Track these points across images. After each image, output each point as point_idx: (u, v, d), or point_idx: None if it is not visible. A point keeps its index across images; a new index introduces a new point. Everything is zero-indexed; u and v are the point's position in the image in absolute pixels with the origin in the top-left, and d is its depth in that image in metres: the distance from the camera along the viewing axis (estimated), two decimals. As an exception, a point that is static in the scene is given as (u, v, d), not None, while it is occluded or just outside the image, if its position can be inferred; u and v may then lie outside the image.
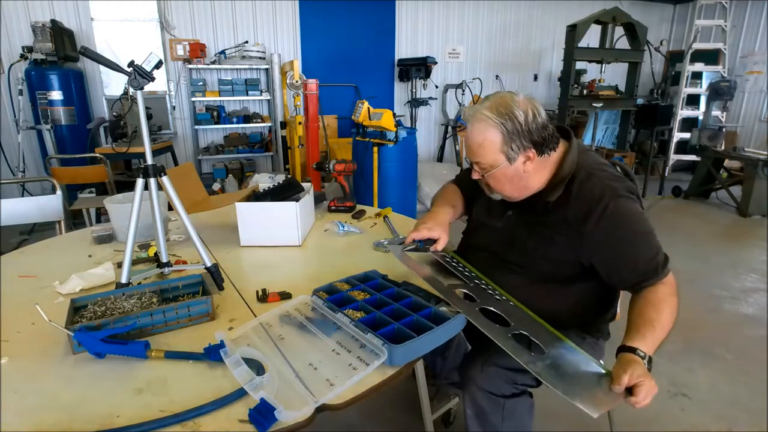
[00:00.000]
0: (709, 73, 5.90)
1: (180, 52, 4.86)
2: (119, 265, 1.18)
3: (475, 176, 1.19)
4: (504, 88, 6.41)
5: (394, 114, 3.71)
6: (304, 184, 1.70)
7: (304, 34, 5.38)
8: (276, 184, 1.68)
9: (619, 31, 5.07)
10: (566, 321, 1.26)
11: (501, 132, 1.08)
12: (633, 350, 1.00)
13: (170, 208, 1.45)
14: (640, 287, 1.13)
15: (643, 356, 0.98)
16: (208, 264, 1.21)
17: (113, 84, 4.38)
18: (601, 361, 1.01)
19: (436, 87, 6.01)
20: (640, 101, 5.87)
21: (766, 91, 6.30)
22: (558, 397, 0.89)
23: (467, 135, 1.16)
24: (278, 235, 1.53)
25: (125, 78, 1.08)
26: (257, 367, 0.85)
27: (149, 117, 3.64)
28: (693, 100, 5.99)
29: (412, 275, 1.26)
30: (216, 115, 4.99)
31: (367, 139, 3.72)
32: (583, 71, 5.86)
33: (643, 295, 1.12)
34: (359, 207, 1.98)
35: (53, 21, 4.00)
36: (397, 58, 5.86)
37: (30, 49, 4.04)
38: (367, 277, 1.22)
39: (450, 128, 5.96)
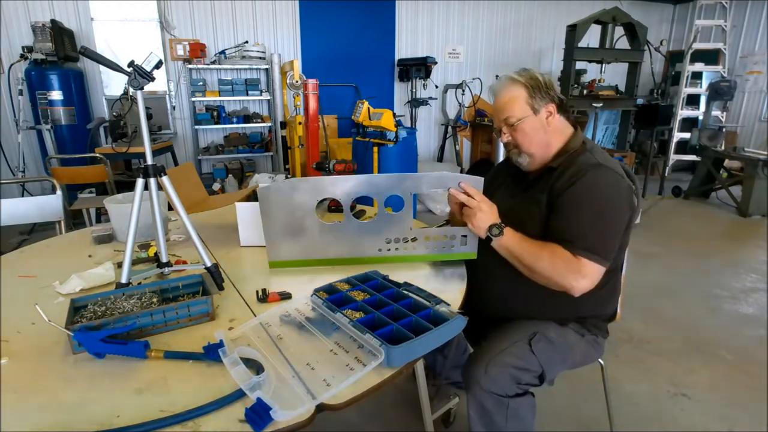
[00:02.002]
0: (709, 73, 5.90)
1: (180, 52, 4.86)
2: (119, 265, 1.18)
3: (505, 138, 1.30)
4: (504, 88, 6.41)
5: (394, 114, 3.71)
6: (304, 184, 1.70)
7: (304, 34, 5.38)
8: (276, 184, 1.67)
9: (619, 31, 5.07)
10: (567, 315, 1.28)
11: (525, 87, 1.25)
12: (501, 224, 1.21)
13: (170, 208, 1.45)
14: (564, 244, 1.16)
15: (501, 224, 1.20)
16: (208, 264, 1.21)
17: (113, 84, 4.39)
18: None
19: (436, 87, 6.02)
20: (640, 101, 5.87)
21: (766, 91, 6.30)
22: (559, 397, 0.89)
23: (495, 100, 1.31)
24: (278, 235, 1.53)
25: (125, 78, 1.08)
26: (256, 367, 0.85)
27: (149, 117, 3.64)
28: (693, 100, 5.99)
29: (413, 276, 1.26)
30: (216, 115, 4.99)
31: (367, 139, 3.72)
32: (583, 71, 5.86)
33: (558, 257, 1.15)
34: (359, 207, 1.98)
35: (53, 21, 4.01)
36: (397, 58, 5.87)
37: (30, 49, 4.04)
38: (367, 277, 1.22)
39: (450, 128, 5.96)
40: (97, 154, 3.49)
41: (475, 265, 1.34)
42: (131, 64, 1.07)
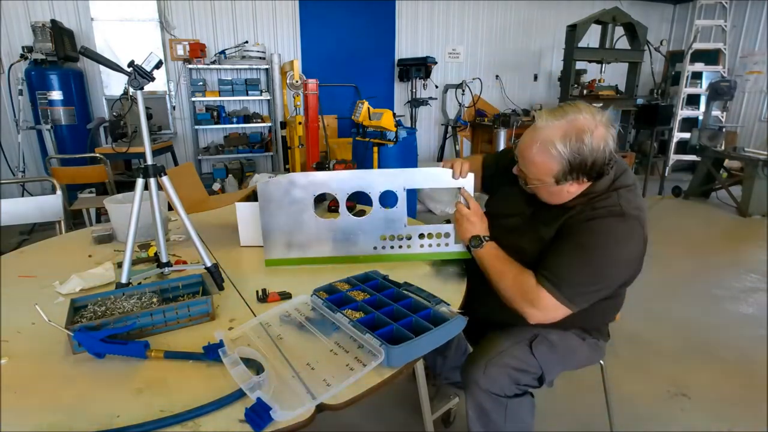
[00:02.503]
0: (709, 73, 5.91)
1: (180, 52, 4.86)
2: (119, 265, 1.18)
3: (517, 171, 1.17)
4: (504, 88, 6.41)
5: (394, 114, 3.71)
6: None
7: (304, 34, 5.38)
8: (276, 184, 1.67)
9: (619, 31, 5.07)
10: (567, 321, 1.26)
11: (562, 165, 1.04)
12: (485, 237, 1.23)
13: (170, 208, 1.45)
14: (538, 272, 1.11)
15: (484, 238, 1.22)
16: (208, 264, 1.21)
17: (113, 84, 4.39)
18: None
19: (436, 87, 6.02)
20: (640, 101, 5.87)
21: (766, 91, 6.30)
22: (558, 397, 0.89)
23: (527, 141, 1.09)
24: (278, 235, 1.53)
25: (125, 78, 1.08)
26: (256, 367, 0.85)
27: (149, 117, 3.64)
28: (693, 100, 5.99)
29: (413, 276, 1.26)
30: (216, 115, 4.99)
31: (367, 139, 3.72)
32: (583, 71, 5.86)
33: (520, 288, 1.13)
34: (359, 207, 1.98)
35: (53, 21, 4.01)
36: (397, 58, 5.87)
37: (30, 49, 4.04)
38: (367, 277, 1.22)
39: (450, 128, 5.97)
40: (97, 154, 3.49)
41: (476, 269, 1.34)
42: (131, 64, 1.07)
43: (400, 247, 1.36)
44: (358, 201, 2.00)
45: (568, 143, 1.02)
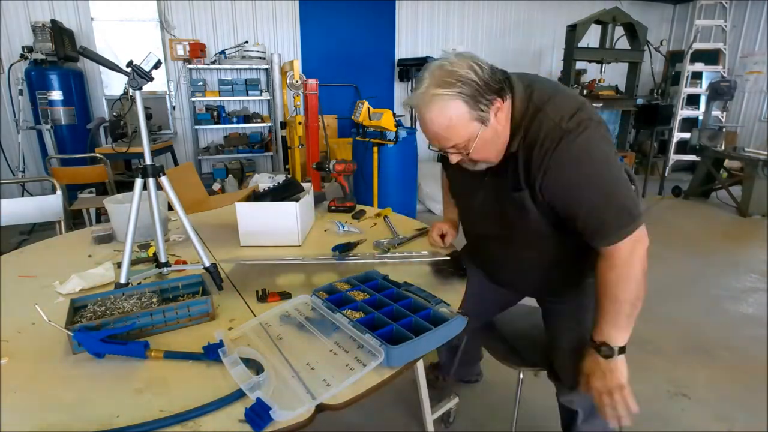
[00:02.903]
0: (709, 73, 5.90)
1: (180, 52, 4.86)
2: (119, 265, 1.18)
3: (456, 159, 1.07)
4: (504, 88, 6.42)
5: (394, 114, 3.71)
6: (304, 184, 1.70)
7: (304, 34, 5.38)
8: (276, 184, 1.68)
9: (619, 31, 5.07)
10: (587, 281, 1.21)
11: (462, 100, 0.95)
12: (598, 346, 1.06)
13: (170, 208, 1.45)
14: (598, 243, 1.04)
15: (602, 345, 1.05)
16: (207, 264, 1.21)
17: (113, 84, 4.39)
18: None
19: (436, 87, 6.02)
20: (640, 101, 5.87)
21: (766, 91, 6.30)
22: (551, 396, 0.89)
23: (426, 124, 1.01)
24: (278, 235, 1.53)
25: (125, 78, 1.08)
26: (256, 367, 0.85)
27: (149, 117, 3.65)
28: (693, 100, 5.99)
29: (413, 276, 1.26)
30: (216, 115, 4.99)
31: (367, 139, 3.72)
32: (583, 71, 5.86)
33: (600, 270, 1.05)
34: (359, 207, 1.98)
35: (53, 21, 4.01)
36: (397, 58, 5.87)
37: (30, 49, 4.04)
38: (367, 277, 1.21)
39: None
40: (97, 154, 3.49)
41: (485, 251, 1.34)
42: (130, 64, 1.07)
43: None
44: (359, 200, 2.00)
45: (445, 84, 0.95)
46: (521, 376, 1.41)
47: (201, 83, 4.85)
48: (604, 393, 1.06)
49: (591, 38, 5.10)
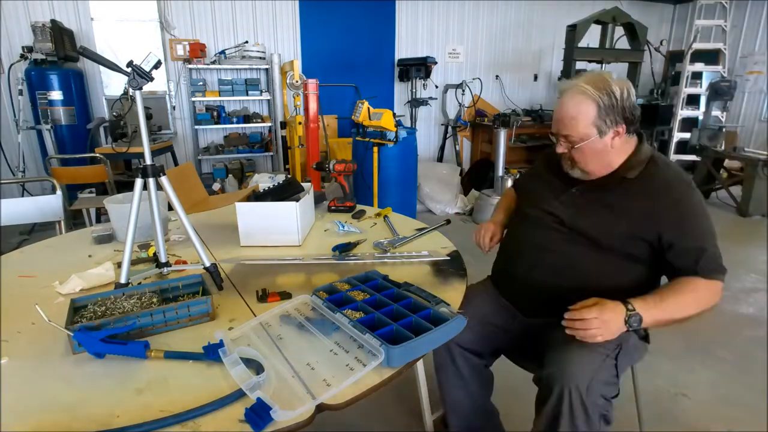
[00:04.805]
0: (709, 73, 5.89)
1: (180, 52, 4.86)
2: (119, 265, 1.18)
3: (560, 149, 1.20)
4: (504, 88, 6.42)
5: (394, 114, 3.71)
6: (304, 184, 1.70)
7: (304, 34, 5.38)
8: (276, 184, 1.68)
9: (619, 31, 5.07)
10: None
11: (597, 105, 1.11)
12: (625, 302, 1.07)
13: (170, 208, 1.45)
14: (689, 271, 1.12)
15: (632, 309, 1.05)
16: (207, 264, 1.21)
17: (113, 84, 4.38)
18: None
19: (436, 87, 6.01)
20: (640, 101, 5.86)
21: (766, 91, 6.30)
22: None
23: (559, 107, 1.18)
24: (278, 235, 1.53)
25: (125, 78, 1.08)
26: (256, 367, 0.85)
27: (149, 117, 3.65)
28: (693, 100, 5.98)
29: (413, 276, 1.26)
30: (216, 115, 4.99)
31: (367, 139, 3.72)
32: (583, 71, 5.85)
33: (680, 278, 1.12)
34: (359, 207, 1.98)
35: (53, 21, 4.00)
36: (397, 58, 5.86)
37: (30, 49, 4.04)
38: (367, 277, 1.22)
39: (450, 128, 5.97)
40: (97, 154, 3.49)
41: (509, 267, 1.33)
42: (130, 64, 1.07)
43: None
44: (359, 200, 2.00)
45: (594, 86, 1.12)
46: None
47: (201, 83, 4.84)
48: (594, 322, 1.05)
49: (591, 38, 5.10)
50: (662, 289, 1.12)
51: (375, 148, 3.61)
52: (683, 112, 5.78)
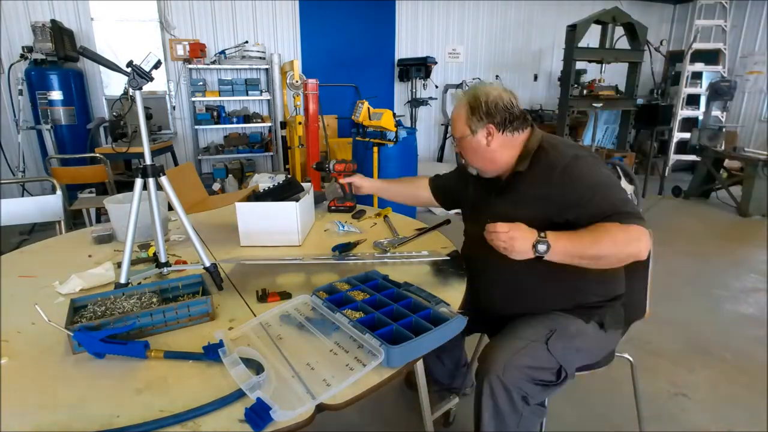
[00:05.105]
0: (709, 73, 5.90)
1: (180, 52, 4.86)
2: (119, 265, 1.18)
3: (456, 149, 1.38)
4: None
5: (394, 114, 3.71)
6: (304, 184, 1.70)
7: (304, 34, 5.38)
8: (276, 184, 1.68)
9: (619, 31, 5.07)
10: (572, 304, 1.28)
11: (466, 107, 1.29)
12: (543, 236, 1.12)
13: (170, 208, 1.45)
14: (615, 218, 1.13)
15: (542, 237, 1.11)
16: (207, 264, 1.21)
17: (113, 84, 4.39)
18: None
19: (436, 87, 6.02)
20: (640, 101, 5.86)
21: (766, 91, 6.30)
22: (560, 399, 0.89)
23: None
24: (278, 235, 1.53)
25: (125, 78, 1.08)
26: (256, 367, 0.85)
27: (149, 117, 3.64)
28: (693, 100, 5.98)
29: (413, 276, 1.26)
30: (216, 115, 4.99)
31: (367, 139, 3.72)
32: (583, 71, 5.85)
33: (610, 224, 1.12)
34: (359, 207, 1.98)
35: (53, 21, 4.01)
36: (397, 58, 5.87)
37: (30, 49, 4.04)
38: (367, 277, 1.22)
39: (450, 128, 5.96)
40: (97, 154, 3.49)
41: (475, 269, 1.34)
42: (130, 64, 1.07)
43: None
44: (359, 200, 2.00)
45: (467, 94, 1.31)
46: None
47: (201, 83, 4.85)
48: (502, 236, 1.11)
49: (591, 38, 5.10)
50: (580, 229, 1.14)
51: (375, 148, 3.61)
52: (683, 112, 5.78)
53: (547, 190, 1.20)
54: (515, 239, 1.10)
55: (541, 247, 1.09)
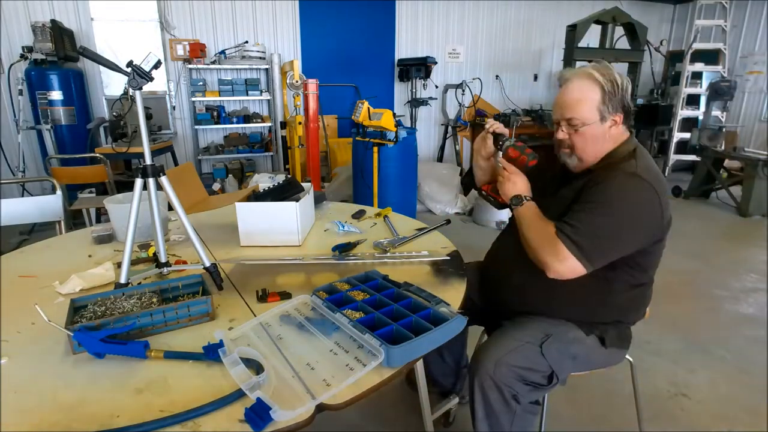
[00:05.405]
0: (709, 73, 5.90)
1: (180, 52, 4.86)
2: (119, 265, 1.18)
3: (562, 135, 1.22)
4: (504, 88, 6.42)
5: (394, 114, 3.71)
6: (304, 184, 1.70)
7: (304, 34, 5.38)
8: (276, 184, 1.68)
9: (619, 31, 5.07)
10: (586, 319, 1.27)
11: (602, 90, 1.15)
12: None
13: (170, 208, 1.45)
14: (559, 225, 1.15)
15: (526, 197, 1.23)
16: (207, 264, 1.21)
17: (113, 84, 4.38)
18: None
19: (436, 87, 6.01)
20: (640, 101, 5.86)
21: (766, 91, 6.30)
22: (560, 399, 0.89)
23: (564, 92, 1.21)
24: (278, 235, 1.53)
25: (125, 78, 1.08)
26: (256, 367, 0.85)
27: (149, 117, 3.64)
28: (693, 100, 5.98)
29: (413, 276, 1.26)
30: (216, 115, 4.99)
31: (367, 139, 3.72)
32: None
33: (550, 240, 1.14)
34: (359, 207, 1.98)
35: (53, 21, 4.00)
36: (397, 58, 5.86)
37: (30, 49, 4.04)
38: (367, 277, 1.22)
39: (450, 128, 5.97)
40: (97, 154, 3.49)
41: (495, 256, 1.34)
42: (130, 64, 1.07)
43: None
44: (359, 200, 2.00)
45: (600, 72, 1.16)
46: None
47: (201, 83, 4.85)
48: (506, 174, 1.27)
49: (591, 38, 5.10)
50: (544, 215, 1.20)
51: (375, 148, 3.61)
52: (683, 112, 5.78)
53: (589, 181, 1.20)
54: (509, 181, 1.26)
55: (515, 201, 1.24)
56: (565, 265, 1.10)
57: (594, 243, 1.10)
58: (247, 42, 5.05)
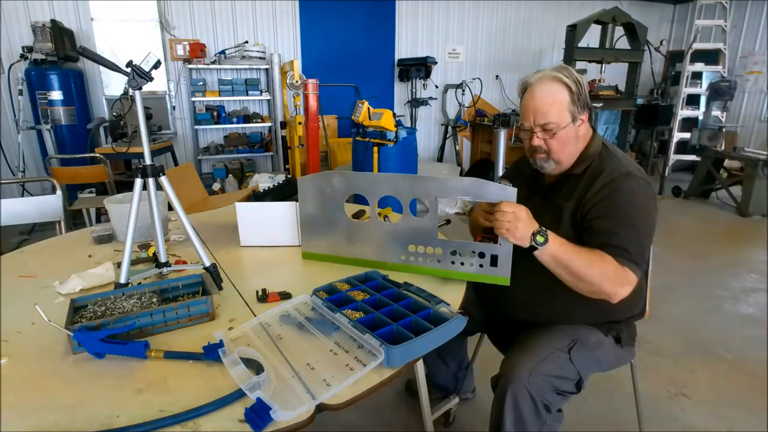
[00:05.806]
0: (709, 73, 5.89)
1: (180, 52, 4.86)
2: (119, 265, 1.18)
3: (537, 142, 1.19)
4: (504, 88, 6.42)
5: (394, 114, 3.71)
6: (303, 184, 1.70)
7: (304, 34, 5.38)
8: (276, 184, 1.68)
9: (619, 31, 5.07)
10: (598, 320, 1.27)
11: (569, 91, 1.16)
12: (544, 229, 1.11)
13: (170, 207, 1.45)
14: (606, 249, 1.12)
15: (543, 230, 1.09)
16: (207, 264, 1.21)
17: (113, 84, 4.39)
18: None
19: (436, 87, 6.01)
20: (640, 101, 5.86)
21: (766, 91, 6.30)
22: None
23: (532, 98, 1.18)
24: (278, 235, 1.53)
25: (125, 78, 1.08)
26: (256, 367, 0.85)
27: (149, 117, 3.64)
28: (693, 100, 5.98)
29: (412, 276, 1.26)
30: (216, 115, 4.99)
31: (367, 139, 3.72)
32: (583, 71, 5.84)
33: (603, 257, 1.12)
34: (359, 207, 1.98)
35: (53, 21, 4.01)
36: (397, 58, 5.87)
37: (30, 49, 4.04)
38: (367, 277, 1.22)
39: (450, 128, 5.97)
40: (97, 154, 3.49)
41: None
42: (130, 64, 1.07)
43: (430, 261, 1.27)
44: (358, 201, 2.00)
45: (563, 73, 1.17)
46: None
47: (201, 83, 4.85)
48: (509, 215, 1.10)
49: (591, 38, 5.10)
50: (580, 246, 1.14)
51: (375, 148, 3.62)
52: (683, 112, 5.77)
53: (585, 192, 1.18)
54: (520, 221, 1.08)
55: (540, 239, 1.09)
56: (631, 285, 1.12)
57: (643, 250, 1.15)
58: (247, 42, 5.05)
